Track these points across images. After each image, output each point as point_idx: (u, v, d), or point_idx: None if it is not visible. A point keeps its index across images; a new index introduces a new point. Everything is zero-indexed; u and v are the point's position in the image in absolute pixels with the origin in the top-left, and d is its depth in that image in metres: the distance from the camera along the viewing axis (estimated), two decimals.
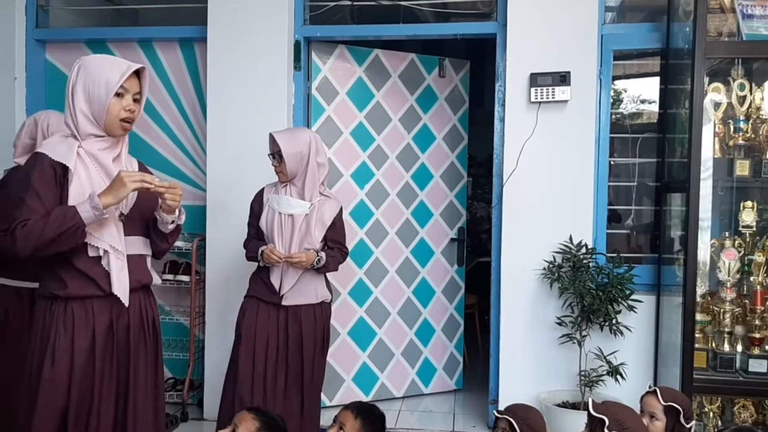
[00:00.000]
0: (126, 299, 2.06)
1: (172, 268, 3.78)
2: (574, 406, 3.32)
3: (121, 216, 2.09)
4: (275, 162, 2.88)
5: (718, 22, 3.49)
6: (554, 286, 3.41)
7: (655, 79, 3.71)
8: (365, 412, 2.24)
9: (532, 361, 3.52)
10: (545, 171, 3.49)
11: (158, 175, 2.83)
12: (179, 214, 2.18)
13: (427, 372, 4.22)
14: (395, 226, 4.10)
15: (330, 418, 3.75)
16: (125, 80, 2.02)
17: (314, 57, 3.82)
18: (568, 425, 3.14)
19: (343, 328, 3.98)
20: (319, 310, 2.95)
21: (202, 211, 3.76)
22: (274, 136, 2.86)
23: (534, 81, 3.44)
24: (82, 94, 2.02)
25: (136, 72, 2.08)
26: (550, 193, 3.49)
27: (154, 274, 2.25)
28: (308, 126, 3.82)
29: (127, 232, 2.11)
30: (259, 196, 3.00)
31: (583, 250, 3.37)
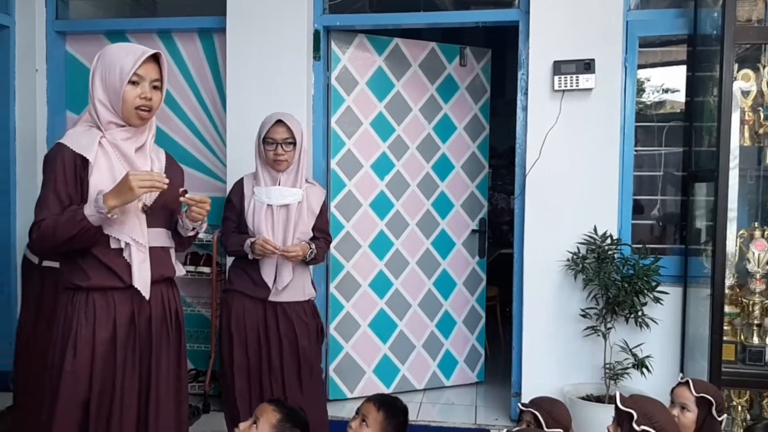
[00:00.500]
0: (147, 292, 2.04)
1: (193, 259, 3.78)
2: (599, 399, 3.28)
3: (145, 208, 2.05)
4: (283, 150, 2.72)
5: (747, 8, 3.41)
6: (578, 278, 3.36)
7: (679, 68, 3.63)
8: (388, 405, 2.22)
9: (556, 354, 3.47)
10: (569, 160, 3.43)
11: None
12: (201, 223, 2.16)
13: (448, 364, 4.19)
14: (416, 218, 4.06)
15: (350, 410, 3.77)
16: (141, 67, 1.98)
17: (333, 46, 3.78)
18: (593, 418, 3.10)
19: (364, 320, 3.96)
20: (309, 308, 2.86)
21: (222, 203, 3.74)
22: (288, 123, 2.73)
23: (557, 69, 3.38)
24: (99, 83, 2.00)
25: (156, 58, 2.03)
26: (574, 183, 3.43)
27: (178, 266, 2.22)
28: (328, 117, 3.80)
29: (151, 224, 2.08)
30: (239, 188, 2.84)
31: (608, 241, 3.31)
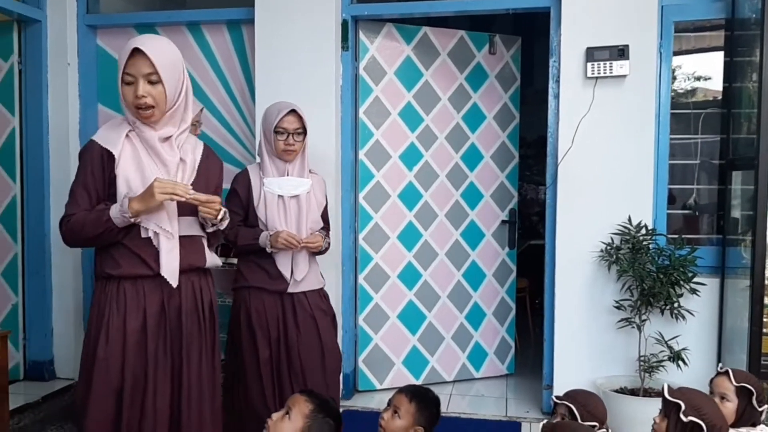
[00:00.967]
0: (174, 280, 2.04)
1: (224, 251, 3.79)
2: (633, 393, 3.22)
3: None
4: (294, 140, 2.68)
5: None
6: (612, 269, 3.30)
7: (715, 54, 3.53)
8: (420, 396, 2.20)
9: (588, 346, 3.42)
10: (602, 149, 3.36)
11: None
12: (221, 220, 2.13)
13: (477, 356, 4.16)
14: (444, 208, 4.03)
15: (379, 401, 3.77)
16: (129, 65, 1.95)
17: (362, 36, 3.75)
18: (627, 411, 3.05)
19: (393, 312, 3.95)
20: (324, 295, 2.85)
21: None
22: (299, 112, 2.70)
23: (590, 55, 3.31)
24: (119, 80, 2.03)
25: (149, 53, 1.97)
26: (608, 173, 3.36)
27: (211, 256, 2.21)
28: (356, 107, 3.78)
29: (183, 213, 2.08)
30: (245, 179, 2.76)
31: (643, 231, 3.25)
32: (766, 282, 2.95)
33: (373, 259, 3.89)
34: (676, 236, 3.34)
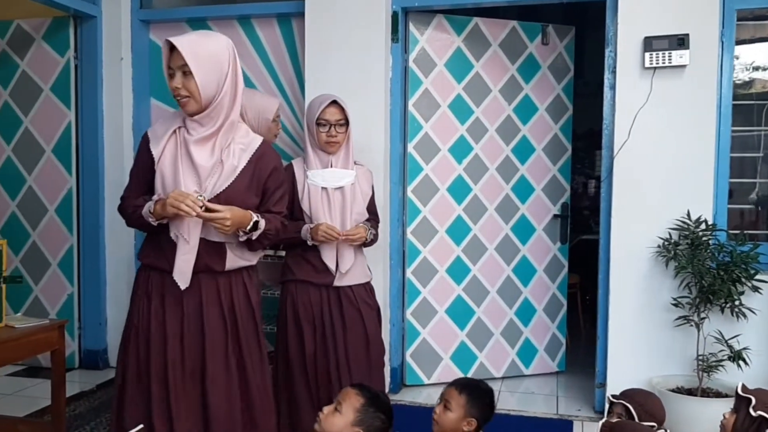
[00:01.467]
0: (183, 283, 2.07)
1: (273, 244, 3.81)
2: (690, 392, 3.12)
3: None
4: (336, 131, 2.66)
5: None
6: (670, 265, 3.19)
7: None
8: (470, 387, 2.18)
9: (644, 344, 3.32)
10: (660, 142, 3.25)
11: None
12: (252, 232, 2.10)
13: (527, 353, 4.09)
14: (494, 202, 3.97)
15: (427, 396, 3.75)
16: (170, 59, 2.01)
17: (411, 28, 3.72)
18: (683, 412, 2.96)
19: (441, 306, 3.91)
20: (370, 289, 2.83)
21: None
22: (341, 103, 2.68)
23: (648, 45, 3.20)
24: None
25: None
26: (666, 166, 3.25)
27: (237, 259, 2.17)
28: (405, 100, 3.75)
29: None
30: (289, 173, 2.73)
31: (703, 227, 3.13)
32: None
33: (421, 253, 3.86)
34: (738, 232, 3.22)
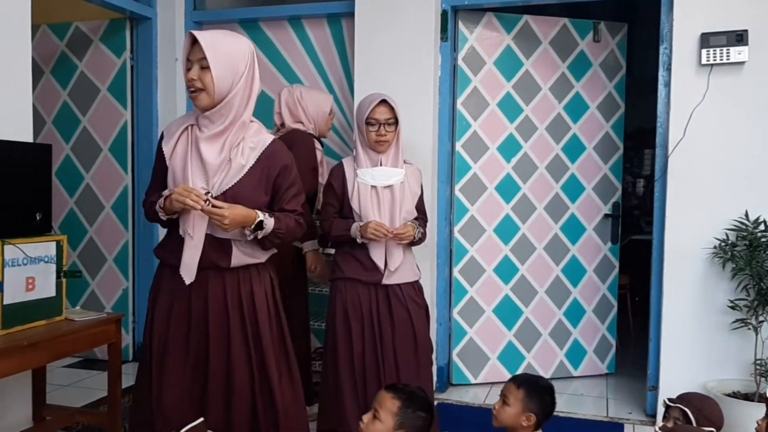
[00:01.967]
0: (188, 278, 2.11)
1: (320, 241, 3.83)
2: (746, 397, 3.04)
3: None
4: (385, 130, 2.66)
5: None
6: (726, 267, 3.11)
7: None
8: (528, 383, 2.16)
9: (698, 347, 3.24)
10: (716, 140, 3.17)
11: None
12: (258, 231, 2.12)
13: (576, 354, 4.04)
14: (544, 201, 3.93)
15: (474, 396, 3.74)
16: (190, 52, 2.05)
17: (461, 26, 3.71)
18: (740, 417, 2.88)
19: (488, 306, 3.89)
20: (418, 288, 2.82)
21: None
22: (390, 102, 2.68)
23: (705, 41, 3.13)
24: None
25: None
26: (722, 165, 3.17)
27: (243, 257, 2.19)
28: (454, 98, 3.74)
29: None
30: (339, 173, 2.77)
31: (762, 227, 3.05)
32: None
33: (469, 252, 3.85)
34: None
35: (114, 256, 4.20)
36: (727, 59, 3.10)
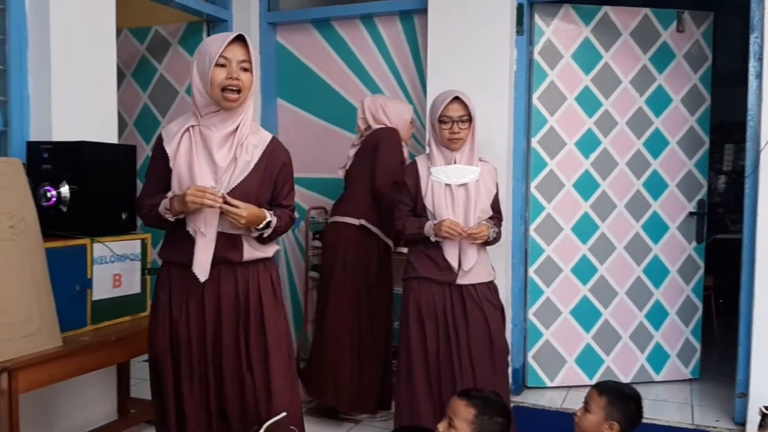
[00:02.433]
0: (203, 275, 2.11)
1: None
2: None
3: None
4: (459, 128, 2.62)
5: None
6: None
7: None
8: (611, 390, 2.09)
9: None
10: None
11: None
12: (265, 228, 2.13)
13: (658, 358, 3.88)
14: (624, 199, 3.79)
15: (550, 399, 3.65)
16: (227, 50, 2.03)
17: (537, 19, 3.62)
18: None
19: (565, 307, 3.79)
20: (493, 288, 2.75)
21: None
22: (464, 99, 2.63)
23: None
24: (196, 72, 2.10)
25: (244, 42, 2.07)
26: None
27: (253, 251, 2.21)
28: (529, 93, 3.65)
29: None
30: (413, 170, 2.75)
31: None
32: None
33: (545, 251, 3.75)
34: None
35: None
36: None
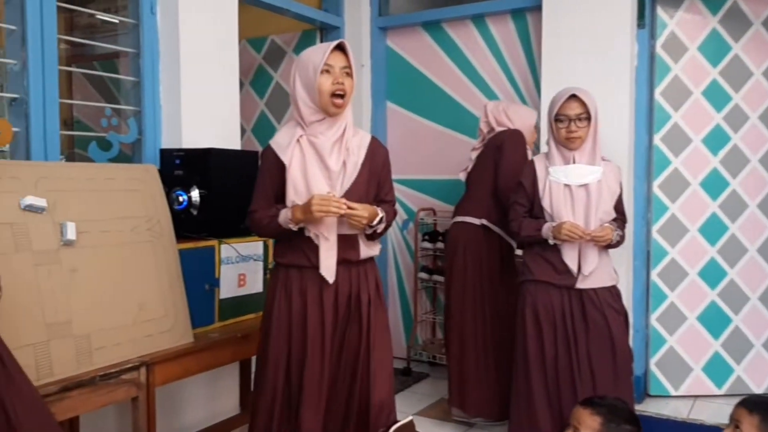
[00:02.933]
0: (330, 277, 2.17)
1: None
2: None
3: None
4: (576, 126, 2.54)
5: None
6: None
7: None
8: (763, 406, 1.93)
9: None
10: None
11: None
12: (377, 224, 2.19)
13: None
14: (757, 198, 3.55)
15: (674, 409, 3.46)
16: (330, 57, 2.11)
17: (659, 12, 3.46)
18: None
19: (691, 312, 3.59)
20: (616, 293, 2.63)
21: None
22: (582, 97, 2.53)
23: None
24: (299, 83, 2.16)
25: (343, 48, 2.15)
26: None
27: (365, 250, 2.27)
28: (651, 88, 3.49)
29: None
30: (530, 170, 2.69)
31: None
32: None
33: (669, 253, 3.57)
34: None
35: None
36: None
